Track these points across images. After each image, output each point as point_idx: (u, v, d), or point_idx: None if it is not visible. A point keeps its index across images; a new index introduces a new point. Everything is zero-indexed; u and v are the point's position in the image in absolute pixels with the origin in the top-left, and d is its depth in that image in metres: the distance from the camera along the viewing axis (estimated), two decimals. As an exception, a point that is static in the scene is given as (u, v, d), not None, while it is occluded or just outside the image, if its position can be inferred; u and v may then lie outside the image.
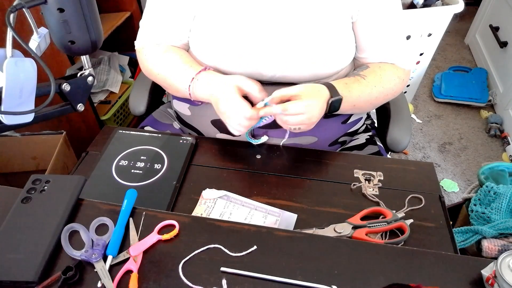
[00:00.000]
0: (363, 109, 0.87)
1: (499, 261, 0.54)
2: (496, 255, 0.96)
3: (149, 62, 0.88)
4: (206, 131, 0.92)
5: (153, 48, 0.88)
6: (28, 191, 0.66)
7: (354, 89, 0.79)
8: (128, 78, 1.88)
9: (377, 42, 0.84)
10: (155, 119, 1.02)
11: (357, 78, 0.82)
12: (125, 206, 0.65)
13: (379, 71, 0.84)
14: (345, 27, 0.80)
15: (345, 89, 0.78)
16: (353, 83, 0.80)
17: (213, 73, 0.80)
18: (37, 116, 0.54)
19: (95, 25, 0.53)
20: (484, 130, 2.02)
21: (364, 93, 0.81)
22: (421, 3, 1.63)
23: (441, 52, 2.58)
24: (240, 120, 0.73)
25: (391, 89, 0.85)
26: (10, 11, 0.46)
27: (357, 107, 0.82)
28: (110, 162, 0.80)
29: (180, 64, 0.83)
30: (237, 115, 0.73)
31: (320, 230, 0.66)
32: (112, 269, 0.58)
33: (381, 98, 0.85)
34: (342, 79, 0.81)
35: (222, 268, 0.58)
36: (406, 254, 0.60)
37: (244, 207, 0.72)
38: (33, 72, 0.49)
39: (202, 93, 0.79)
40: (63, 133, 1.34)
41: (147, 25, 0.89)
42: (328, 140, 0.91)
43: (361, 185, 0.75)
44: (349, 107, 0.81)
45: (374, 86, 0.82)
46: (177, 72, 0.83)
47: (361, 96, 0.80)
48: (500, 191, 1.02)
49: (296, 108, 0.71)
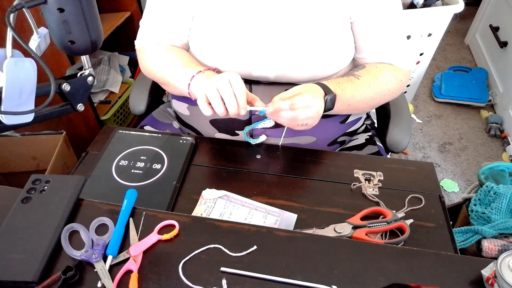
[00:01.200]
0: (360, 109, 0.86)
1: (499, 261, 0.54)
2: (496, 255, 0.96)
3: (149, 61, 0.88)
4: (204, 130, 0.92)
5: (153, 48, 0.88)
6: (28, 191, 0.66)
7: (347, 88, 0.79)
8: (128, 78, 1.88)
9: (376, 42, 0.83)
10: (155, 119, 1.03)
11: (350, 78, 0.82)
12: (125, 206, 0.65)
13: (374, 71, 0.83)
14: (344, 27, 0.80)
15: (337, 88, 0.78)
16: (346, 83, 0.80)
17: (213, 73, 0.80)
18: (37, 116, 0.54)
19: (95, 25, 0.53)
20: (484, 130, 2.02)
21: (357, 92, 0.80)
22: (421, 3, 1.63)
23: (441, 52, 2.58)
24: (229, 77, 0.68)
25: (388, 90, 0.84)
26: (10, 11, 0.46)
27: (352, 107, 0.82)
28: (110, 162, 0.80)
29: (180, 64, 0.82)
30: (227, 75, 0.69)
31: (320, 230, 0.66)
32: (112, 269, 0.58)
33: (377, 99, 0.84)
34: (335, 79, 0.81)
35: (222, 268, 0.58)
36: (406, 254, 0.60)
37: (244, 207, 0.72)
38: (33, 72, 0.49)
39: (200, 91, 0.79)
40: (63, 133, 1.34)
41: (147, 24, 0.89)
42: (327, 140, 0.91)
43: (361, 185, 0.75)
44: (344, 107, 0.80)
45: (368, 86, 0.81)
46: (177, 71, 0.83)
47: (355, 96, 0.80)
48: (500, 191, 1.02)
49: (303, 101, 0.70)
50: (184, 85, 0.80)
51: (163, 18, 0.85)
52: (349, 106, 0.81)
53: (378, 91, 0.83)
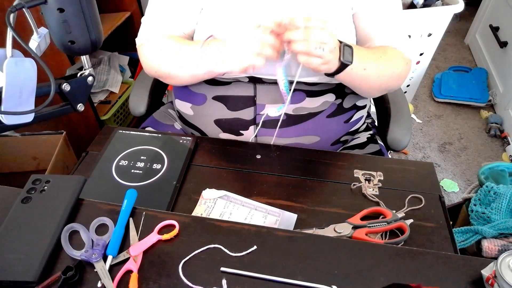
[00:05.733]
0: (372, 81, 0.82)
1: (499, 261, 0.54)
2: (496, 255, 0.96)
3: (150, 54, 0.87)
4: (209, 130, 0.92)
5: (154, 41, 0.87)
6: (28, 191, 0.66)
7: (362, 50, 0.78)
8: (128, 78, 1.88)
9: (378, 33, 0.84)
10: (156, 120, 1.02)
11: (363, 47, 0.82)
12: (125, 206, 0.65)
13: (383, 48, 0.84)
14: (345, 19, 0.81)
15: (352, 45, 0.76)
16: (360, 47, 0.80)
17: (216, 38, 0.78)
18: (37, 116, 0.54)
19: (95, 25, 0.53)
20: (484, 130, 2.02)
21: (371, 58, 0.79)
22: (421, 3, 1.63)
23: (441, 52, 2.58)
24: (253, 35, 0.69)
25: (396, 68, 0.83)
26: (10, 11, 0.46)
27: (366, 73, 0.79)
28: (110, 162, 0.80)
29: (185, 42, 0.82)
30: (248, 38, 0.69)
31: (320, 230, 0.66)
32: (112, 269, 0.58)
33: (387, 74, 0.82)
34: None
35: (222, 268, 0.58)
36: (406, 254, 0.60)
37: (244, 207, 0.72)
38: (33, 72, 0.49)
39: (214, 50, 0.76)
40: (63, 133, 1.34)
41: (151, 20, 0.88)
42: (331, 140, 0.91)
43: (361, 185, 0.75)
44: (359, 70, 0.77)
45: (380, 56, 0.81)
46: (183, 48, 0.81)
47: (369, 59, 0.78)
48: (500, 191, 1.02)
49: (318, 19, 0.67)
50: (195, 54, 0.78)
51: (171, 10, 0.85)
52: (364, 71, 0.78)
53: (388, 65, 0.82)
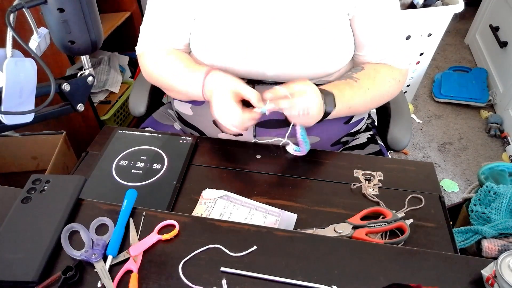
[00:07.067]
0: (360, 111, 0.88)
1: (499, 261, 0.54)
2: (496, 255, 0.96)
3: (151, 67, 0.88)
4: (208, 131, 0.92)
5: (154, 53, 0.88)
6: (28, 191, 0.66)
7: (346, 90, 0.81)
8: (128, 78, 1.88)
9: (375, 38, 0.84)
10: (156, 120, 1.02)
11: (348, 81, 0.83)
12: (125, 206, 0.65)
13: (373, 73, 0.85)
14: (343, 24, 0.80)
15: (334, 89, 0.79)
16: (345, 85, 0.82)
17: (217, 73, 0.79)
18: (37, 116, 0.54)
19: (95, 25, 0.53)
20: (484, 130, 2.02)
21: (357, 94, 0.82)
22: (421, 3, 1.63)
23: (441, 52, 2.58)
24: (232, 122, 0.75)
25: (387, 91, 0.86)
26: (10, 11, 0.46)
27: (353, 109, 0.83)
28: (110, 162, 0.80)
29: (184, 68, 0.82)
30: (227, 119, 0.75)
31: (320, 230, 0.66)
32: (112, 269, 0.58)
33: (376, 100, 0.86)
34: (332, 83, 0.83)
35: (222, 268, 0.58)
36: (406, 254, 0.60)
37: (244, 207, 0.72)
38: (33, 72, 0.49)
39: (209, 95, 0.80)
40: (63, 133, 1.34)
41: (148, 29, 0.88)
42: (331, 140, 0.91)
43: (361, 185, 0.75)
44: (345, 109, 0.81)
45: (367, 88, 0.83)
46: (183, 75, 0.82)
47: (354, 98, 0.81)
48: (500, 191, 1.02)
49: (299, 85, 0.73)
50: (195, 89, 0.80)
51: (164, 21, 0.85)
52: (350, 109, 0.82)
53: (377, 93, 0.85)
